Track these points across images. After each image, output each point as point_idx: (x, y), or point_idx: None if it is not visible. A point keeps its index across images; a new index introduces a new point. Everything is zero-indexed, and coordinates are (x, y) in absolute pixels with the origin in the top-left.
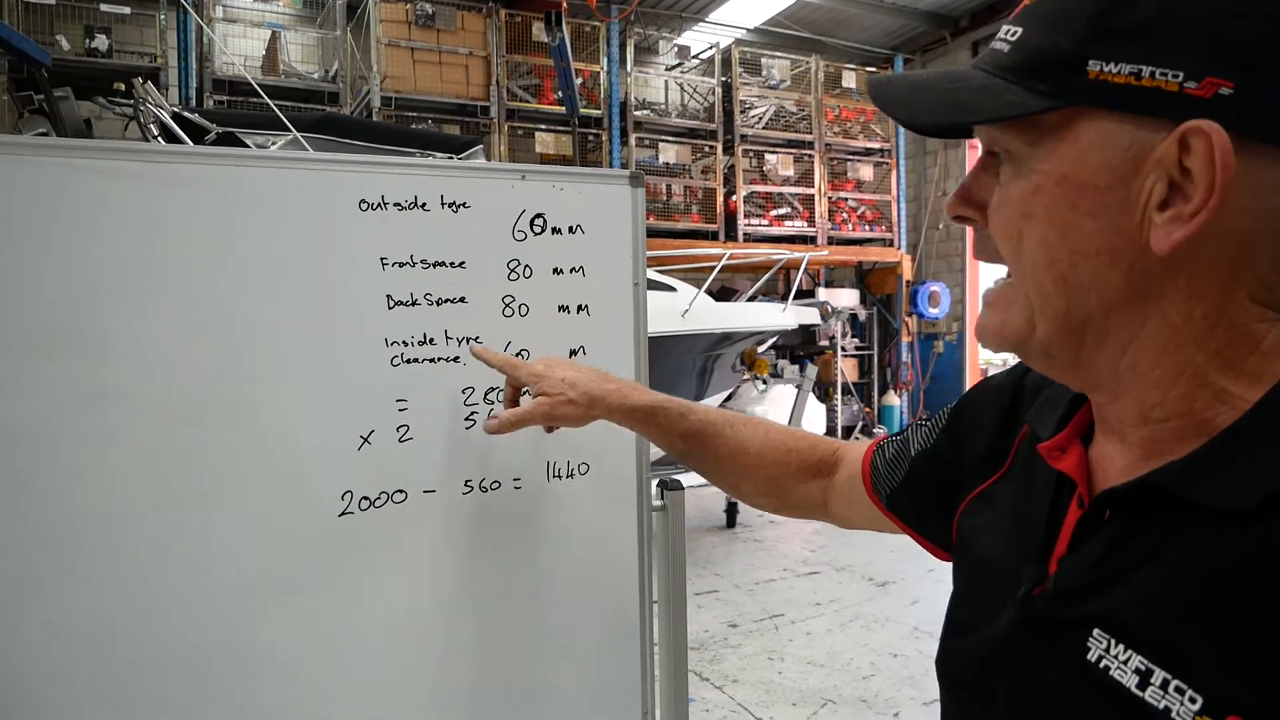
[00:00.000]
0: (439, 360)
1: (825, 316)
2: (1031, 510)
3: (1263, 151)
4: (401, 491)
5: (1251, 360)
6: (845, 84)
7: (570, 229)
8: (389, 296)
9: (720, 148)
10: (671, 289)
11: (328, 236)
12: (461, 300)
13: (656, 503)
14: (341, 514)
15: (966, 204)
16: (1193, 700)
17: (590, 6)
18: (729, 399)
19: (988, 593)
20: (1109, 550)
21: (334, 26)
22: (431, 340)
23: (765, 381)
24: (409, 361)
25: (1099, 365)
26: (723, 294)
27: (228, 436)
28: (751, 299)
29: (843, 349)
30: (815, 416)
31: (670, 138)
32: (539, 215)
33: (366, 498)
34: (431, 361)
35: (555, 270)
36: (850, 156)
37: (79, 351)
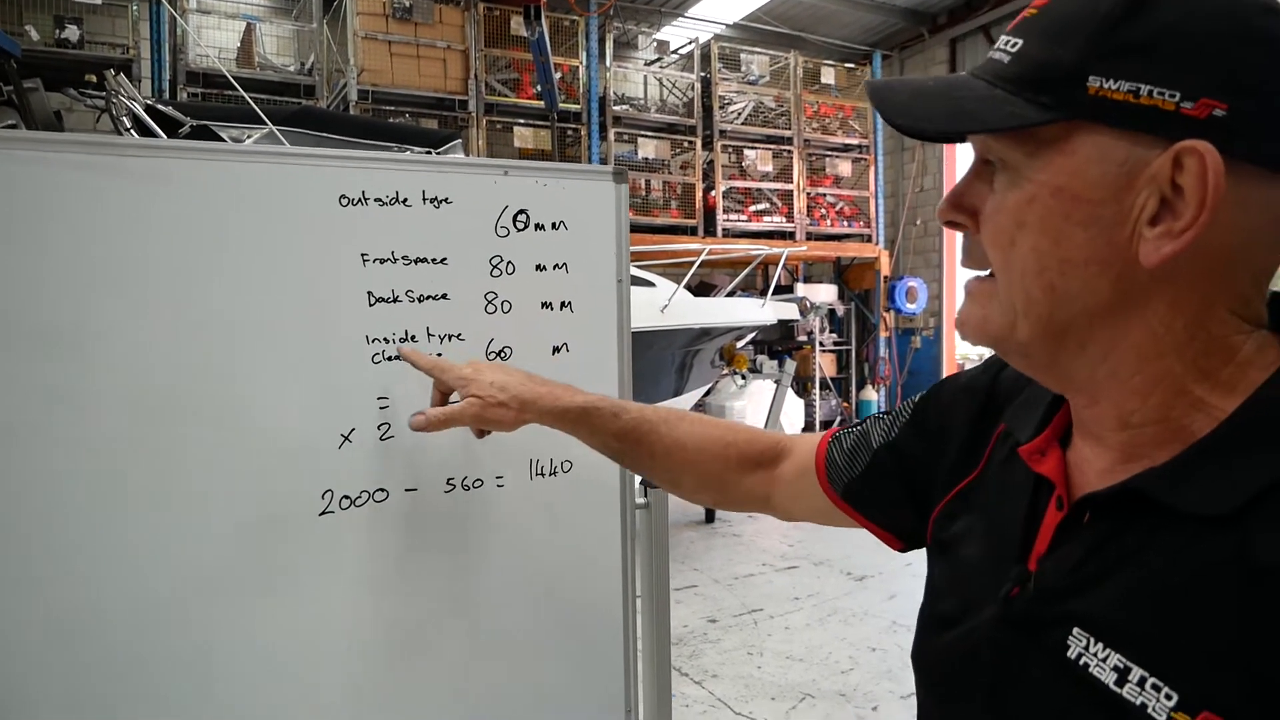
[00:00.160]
0: None
1: (804, 312)
2: (1009, 510)
3: (1251, 172)
4: (383, 490)
5: (1227, 370)
6: (824, 80)
7: (553, 225)
8: (370, 293)
9: (699, 143)
10: (650, 284)
11: (308, 232)
12: (443, 297)
13: (639, 500)
14: (322, 513)
15: (958, 210)
16: (1169, 697)
17: (569, 1)
18: (708, 394)
19: (967, 591)
20: (1089, 552)
21: (310, 18)
22: (413, 337)
23: (744, 377)
24: (390, 359)
25: (1077, 369)
26: (701, 289)
27: (205, 435)
28: (730, 294)
29: (821, 344)
30: (794, 411)
31: (649, 133)
32: (522, 211)
33: (348, 496)
34: None
35: (538, 267)
36: (829, 152)
37: (48, 350)
